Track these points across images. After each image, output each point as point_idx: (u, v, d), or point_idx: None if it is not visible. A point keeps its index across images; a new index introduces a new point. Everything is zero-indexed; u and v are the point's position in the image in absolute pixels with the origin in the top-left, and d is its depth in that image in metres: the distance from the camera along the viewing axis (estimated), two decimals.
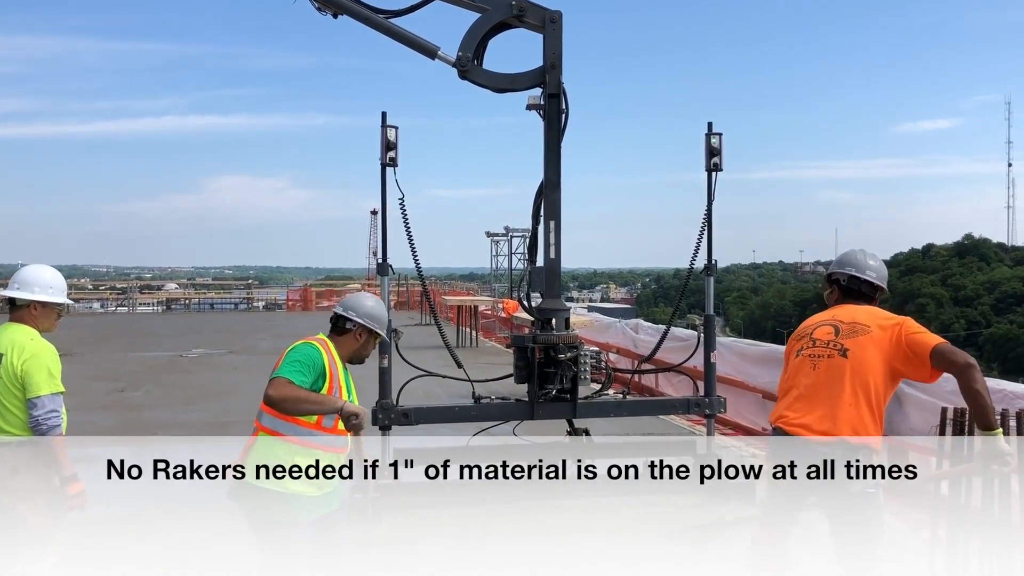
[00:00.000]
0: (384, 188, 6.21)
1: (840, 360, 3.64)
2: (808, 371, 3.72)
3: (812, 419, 3.61)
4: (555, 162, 6.44)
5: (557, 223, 6.42)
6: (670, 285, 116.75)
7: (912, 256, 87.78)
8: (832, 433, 3.54)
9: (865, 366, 3.61)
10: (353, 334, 3.88)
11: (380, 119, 6.20)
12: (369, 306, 3.91)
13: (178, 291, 51.72)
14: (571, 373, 6.30)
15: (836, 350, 3.67)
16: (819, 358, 3.70)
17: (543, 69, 6.41)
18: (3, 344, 4.05)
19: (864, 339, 3.66)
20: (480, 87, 6.50)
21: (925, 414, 6.30)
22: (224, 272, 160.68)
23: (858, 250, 4.00)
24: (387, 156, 6.18)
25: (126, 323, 31.16)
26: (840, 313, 3.83)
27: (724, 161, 6.75)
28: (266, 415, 3.64)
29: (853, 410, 3.57)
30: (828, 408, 3.60)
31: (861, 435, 3.53)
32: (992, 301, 71.29)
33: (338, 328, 3.90)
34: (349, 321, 3.87)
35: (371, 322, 3.88)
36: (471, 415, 6.44)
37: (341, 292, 45.66)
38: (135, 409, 11.42)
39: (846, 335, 3.70)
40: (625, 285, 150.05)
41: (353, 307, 3.90)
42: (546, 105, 6.44)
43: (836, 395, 3.60)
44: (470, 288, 42.84)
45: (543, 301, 6.52)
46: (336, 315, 3.94)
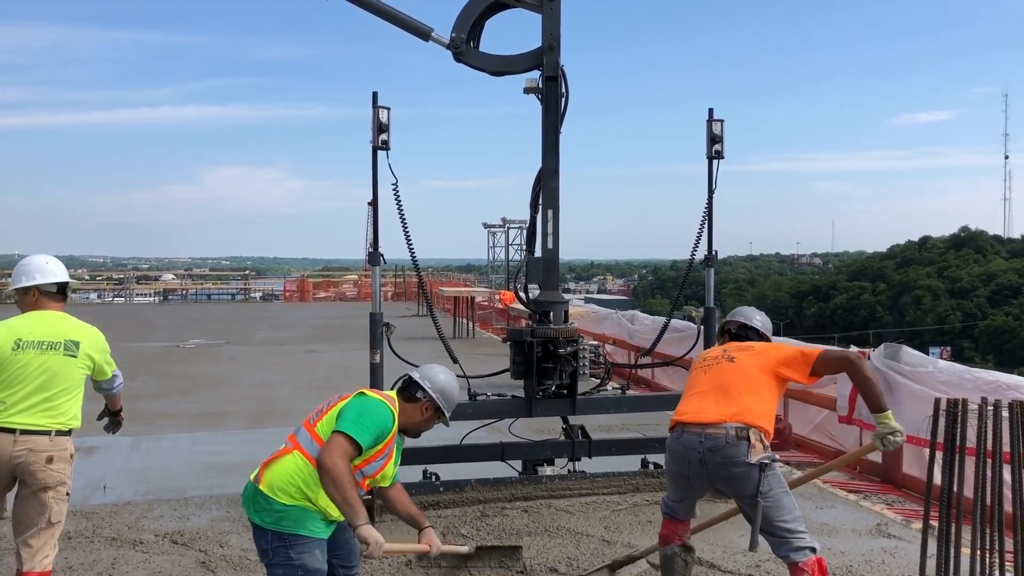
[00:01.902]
0: (376, 173, 5.87)
1: (728, 365, 4.16)
2: (700, 376, 4.21)
3: (707, 408, 3.99)
4: (554, 148, 6.20)
5: (556, 212, 6.19)
6: (667, 277, 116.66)
7: (908, 248, 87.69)
8: (725, 418, 3.90)
9: (751, 369, 4.09)
10: (421, 405, 3.73)
11: (371, 100, 5.86)
12: (442, 380, 3.77)
13: (175, 282, 51.53)
14: (570, 368, 6.07)
15: (725, 359, 4.21)
16: (710, 366, 4.22)
17: (540, 50, 6.16)
18: (73, 331, 4.28)
19: (748, 352, 4.21)
20: (476, 70, 6.33)
21: (918, 404, 6.34)
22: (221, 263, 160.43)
23: (747, 307, 4.67)
24: (379, 139, 5.84)
25: (123, 313, 31.12)
26: (730, 345, 4.39)
27: (724, 149, 6.52)
28: (310, 440, 3.48)
29: (743, 400, 3.96)
30: (720, 400, 3.99)
31: (751, 420, 3.90)
32: (988, 293, 71.28)
33: (407, 394, 3.75)
34: (422, 390, 3.73)
35: (441, 399, 3.74)
36: (466, 412, 6.11)
37: (338, 283, 45.71)
38: (132, 399, 11.39)
39: (734, 351, 4.26)
40: (622, 276, 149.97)
41: (429, 378, 3.76)
42: (544, 88, 6.20)
43: (727, 390, 4.03)
44: (467, 279, 42.86)
45: (541, 293, 6.29)
46: (411, 380, 3.79)
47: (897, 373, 6.83)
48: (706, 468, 3.92)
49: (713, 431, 3.90)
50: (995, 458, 4.05)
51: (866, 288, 76.79)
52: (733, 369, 4.13)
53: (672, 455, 4.11)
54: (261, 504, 3.42)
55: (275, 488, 3.39)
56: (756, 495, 3.80)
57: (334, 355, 15.92)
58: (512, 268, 31.67)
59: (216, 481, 7.08)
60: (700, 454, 3.91)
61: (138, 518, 6.06)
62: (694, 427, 3.97)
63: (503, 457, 6.31)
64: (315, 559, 3.42)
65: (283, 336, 20.82)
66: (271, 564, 3.43)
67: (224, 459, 7.93)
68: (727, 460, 3.85)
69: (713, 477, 3.95)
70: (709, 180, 6.56)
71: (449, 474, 6.15)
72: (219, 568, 5.10)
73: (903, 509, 6.31)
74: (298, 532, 3.39)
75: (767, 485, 3.83)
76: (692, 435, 3.96)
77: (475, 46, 6.31)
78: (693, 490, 4.16)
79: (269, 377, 13.44)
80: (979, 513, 4.01)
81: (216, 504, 6.40)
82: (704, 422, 3.94)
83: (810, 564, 3.80)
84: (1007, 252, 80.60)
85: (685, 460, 4.00)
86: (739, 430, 3.86)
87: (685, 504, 4.24)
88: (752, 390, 4.03)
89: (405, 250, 6.39)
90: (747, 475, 3.83)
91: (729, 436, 3.86)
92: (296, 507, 3.38)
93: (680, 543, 4.26)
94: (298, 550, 3.38)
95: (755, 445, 3.84)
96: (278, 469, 3.44)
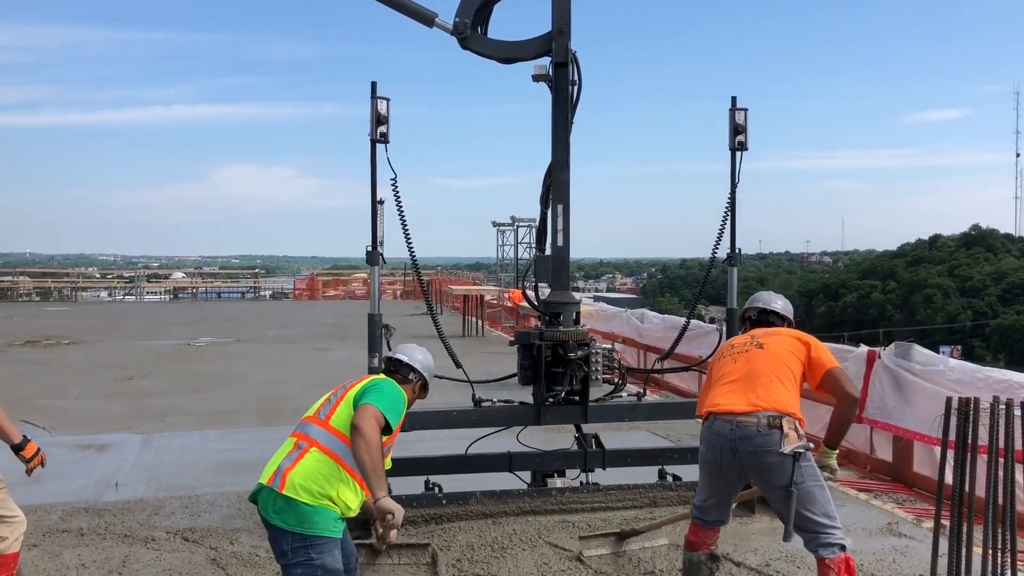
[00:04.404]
0: (374, 167, 5.60)
1: (757, 351, 4.08)
2: (729, 364, 4.12)
3: (737, 399, 3.92)
4: (564, 139, 5.89)
5: (566, 207, 5.88)
6: (676, 275, 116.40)
7: (919, 246, 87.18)
8: (758, 407, 3.83)
9: (781, 355, 4.04)
10: (412, 385, 3.84)
11: (370, 90, 5.60)
12: (421, 357, 3.91)
13: (185, 280, 51.75)
14: (581, 373, 5.71)
15: (753, 345, 4.13)
16: (739, 354, 4.14)
17: (550, 35, 5.85)
18: None
19: (777, 337, 4.16)
20: (483, 57, 6.05)
21: (928, 403, 6.31)
22: (231, 261, 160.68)
23: (766, 292, 4.64)
24: (377, 131, 5.57)
25: (134, 312, 31.27)
26: (756, 331, 4.33)
27: (748, 140, 6.15)
28: (325, 434, 3.50)
29: (774, 387, 3.90)
30: (751, 388, 3.92)
31: (783, 408, 3.83)
32: (999, 292, 70.82)
33: (400, 376, 3.82)
34: (413, 372, 3.83)
35: (429, 375, 3.89)
36: (471, 420, 5.86)
37: (347, 281, 45.74)
38: (143, 396, 11.49)
39: (762, 336, 4.20)
40: (631, 275, 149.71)
41: (415, 358, 3.86)
42: (553, 75, 5.89)
43: (757, 378, 3.95)
44: (476, 278, 42.84)
45: (550, 293, 5.97)
46: (400, 363, 3.86)
47: (908, 372, 6.80)
48: (738, 456, 3.84)
49: (744, 419, 3.82)
50: (1007, 457, 4.03)
51: (876, 287, 76.39)
52: (762, 356, 4.04)
53: (705, 443, 4.04)
54: (282, 506, 3.40)
55: (298, 488, 3.38)
56: (789, 486, 3.73)
57: (344, 353, 15.93)
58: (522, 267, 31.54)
59: (227, 479, 7.11)
60: (732, 442, 3.84)
61: (149, 515, 6.09)
62: (726, 416, 3.90)
63: (511, 468, 5.97)
64: (334, 559, 3.44)
65: (293, 334, 20.87)
66: (290, 564, 3.43)
67: (235, 457, 7.95)
68: (758, 449, 3.78)
69: (745, 466, 3.87)
70: (732, 173, 6.22)
71: (453, 486, 5.82)
72: (229, 565, 5.12)
73: (914, 508, 6.28)
74: (320, 534, 3.40)
75: (800, 476, 3.74)
76: (724, 423, 3.89)
77: (484, 32, 6.07)
78: (725, 482, 4.04)
79: (279, 375, 13.48)
80: (991, 512, 4.00)
81: (227, 501, 6.42)
82: (735, 412, 3.87)
83: (837, 562, 3.74)
84: (1018, 251, 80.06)
85: (717, 448, 3.92)
86: (771, 419, 3.79)
87: (717, 502, 4.11)
88: (783, 376, 3.95)
89: (414, 247, 6.08)
90: (779, 465, 3.75)
91: (761, 425, 3.78)
92: (318, 507, 3.39)
93: (708, 552, 4.13)
94: (319, 550, 3.39)
95: (788, 434, 3.76)
96: (300, 470, 3.42)
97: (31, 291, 42.14)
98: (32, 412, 10.07)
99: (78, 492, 6.69)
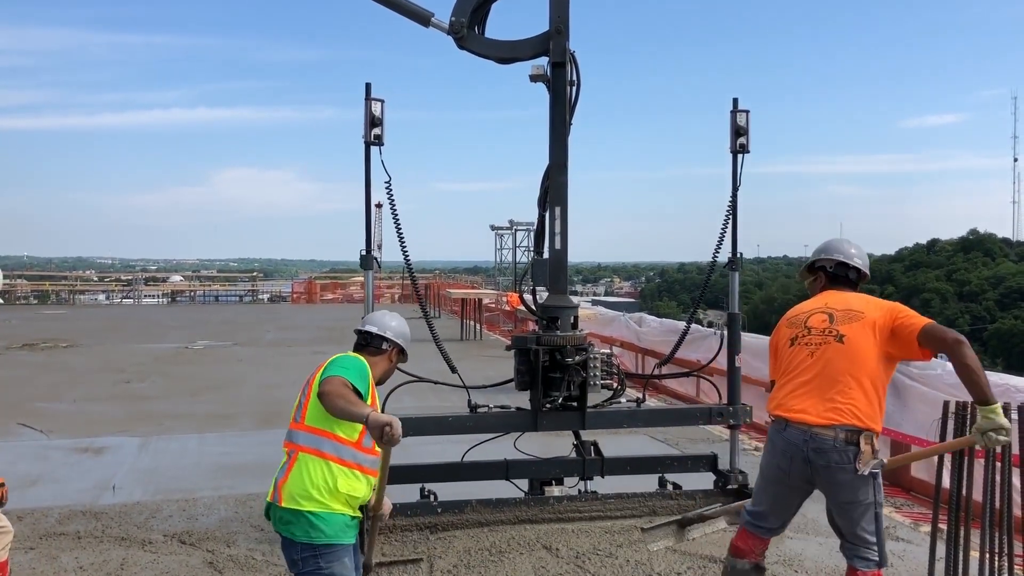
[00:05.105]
0: (368, 170, 5.53)
1: (836, 346, 3.67)
2: (805, 359, 3.74)
3: (811, 405, 3.64)
4: (562, 141, 5.78)
5: (564, 209, 5.77)
6: (674, 279, 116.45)
7: (917, 251, 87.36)
8: (834, 419, 3.56)
9: (861, 352, 3.64)
10: (388, 354, 3.73)
11: (364, 91, 5.54)
12: (395, 324, 3.78)
13: (183, 283, 51.73)
14: (579, 379, 5.59)
15: (832, 336, 3.70)
16: (816, 346, 3.73)
17: (548, 35, 5.74)
18: None
19: (858, 325, 3.69)
20: (480, 57, 5.96)
21: (926, 407, 6.32)
22: (229, 264, 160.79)
23: (840, 238, 4.12)
24: (371, 134, 5.50)
25: (131, 315, 31.23)
26: (831, 300, 3.86)
27: (749, 143, 6.05)
28: (304, 435, 3.46)
29: (852, 395, 3.59)
30: (827, 395, 3.62)
31: (861, 420, 3.56)
32: (997, 296, 70.95)
33: (372, 348, 3.71)
34: (386, 341, 3.72)
35: (404, 341, 3.76)
36: (467, 426, 5.73)
37: (345, 285, 45.74)
38: (141, 400, 11.47)
39: (841, 321, 3.73)
40: (629, 279, 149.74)
41: (386, 327, 3.73)
42: (551, 76, 5.78)
43: (834, 382, 3.62)
44: (474, 281, 42.83)
45: (548, 297, 5.87)
46: (371, 334, 3.73)
47: (906, 376, 6.81)
48: (811, 466, 3.62)
49: (820, 432, 3.58)
50: (1004, 461, 4.04)
51: (874, 291, 76.26)
52: (842, 353, 3.66)
53: (774, 447, 3.78)
54: (288, 519, 3.38)
55: (296, 497, 3.35)
56: (857, 502, 3.58)
57: None
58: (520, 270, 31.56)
59: (224, 482, 7.10)
60: (805, 453, 3.62)
61: (147, 518, 6.08)
62: (800, 425, 3.64)
63: (507, 476, 5.89)
64: (344, 567, 3.41)
65: (291, 338, 20.85)
66: (300, 573, 3.41)
67: (232, 460, 7.95)
68: (832, 464, 3.56)
69: (816, 475, 3.65)
70: (734, 176, 6.12)
71: (448, 494, 5.72)
72: (226, 568, 5.11)
73: (911, 512, 6.29)
74: (329, 542, 3.37)
75: (867, 495, 3.59)
76: (797, 431, 3.65)
77: (480, 32, 5.97)
78: (789, 489, 3.81)
79: (277, 378, 13.45)
80: (988, 516, 4.00)
81: (224, 505, 6.41)
82: (810, 423, 3.61)
83: (870, 575, 3.63)
84: (1016, 255, 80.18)
85: (788, 456, 3.69)
86: (849, 434, 3.54)
87: (775, 510, 3.88)
88: (862, 379, 3.62)
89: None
90: (851, 484, 3.57)
91: (838, 440, 3.55)
92: (322, 513, 3.34)
93: (754, 561, 3.92)
94: (328, 559, 3.36)
95: (864, 450, 3.53)
96: (293, 479, 3.40)
97: (29, 294, 42.11)
98: (30, 415, 10.06)
99: (75, 495, 6.67)
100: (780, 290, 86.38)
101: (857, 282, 4.02)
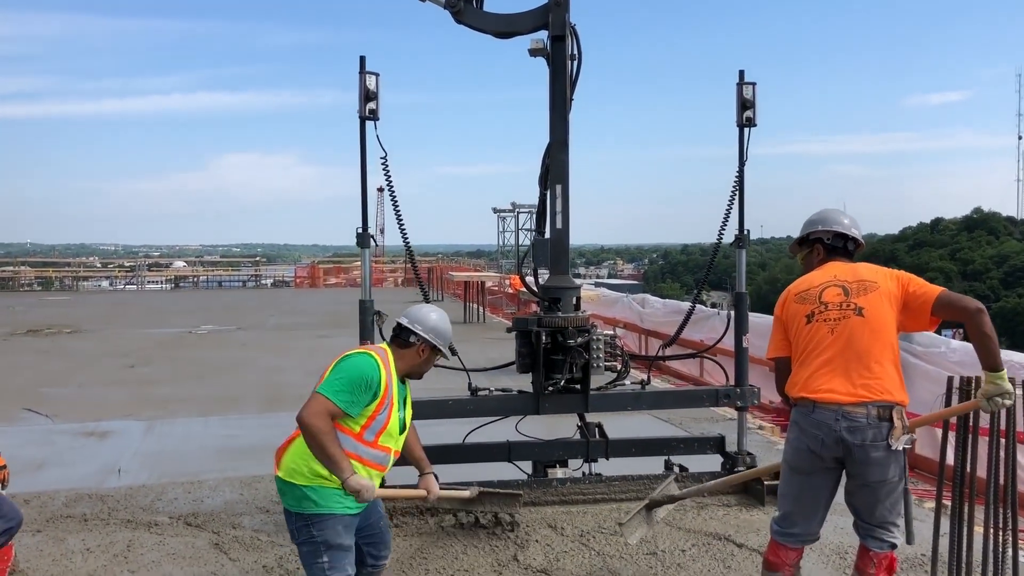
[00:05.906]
0: (364, 146, 5.41)
1: (857, 320, 3.55)
2: (826, 336, 3.59)
3: (839, 384, 3.51)
4: (563, 117, 5.63)
5: (565, 187, 5.62)
6: (677, 261, 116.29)
7: (920, 230, 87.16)
8: (864, 397, 3.46)
9: (883, 324, 3.55)
10: (416, 349, 3.70)
11: (358, 65, 5.40)
12: (433, 320, 3.74)
13: (186, 269, 51.80)
14: (582, 361, 5.47)
15: (851, 310, 3.57)
16: (835, 321, 3.58)
17: (547, 7, 5.59)
18: None
19: (875, 296, 3.58)
20: (479, 31, 5.82)
21: (930, 384, 6.30)
22: (232, 250, 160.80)
23: (833, 208, 3.98)
24: (366, 108, 5.37)
25: (135, 300, 31.30)
26: (839, 272, 3.73)
27: (756, 116, 5.90)
28: None
29: (880, 370, 3.50)
30: (854, 371, 3.50)
31: (892, 394, 3.48)
32: (1001, 275, 70.81)
33: (400, 340, 3.71)
34: (414, 335, 3.69)
35: (435, 338, 3.71)
36: (467, 409, 5.66)
37: (348, 269, 45.75)
38: (146, 384, 11.50)
39: (856, 293, 3.61)
40: (632, 261, 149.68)
41: (419, 320, 3.71)
42: (551, 50, 5.60)
43: (860, 357, 3.51)
44: (477, 264, 42.80)
45: (549, 278, 5.75)
46: (400, 327, 3.73)
47: (910, 354, 6.80)
48: (844, 444, 3.47)
49: (852, 410, 3.46)
50: (1008, 437, 4.03)
51: None
52: (864, 328, 3.53)
53: (801, 431, 3.61)
54: (283, 489, 3.48)
55: (291, 471, 3.44)
56: (886, 481, 3.51)
57: (345, 340, 15.89)
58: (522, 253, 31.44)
59: (229, 464, 7.13)
60: (837, 432, 3.47)
61: (152, 500, 6.11)
62: (829, 406, 3.50)
63: (510, 458, 5.84)
64: (337, 534, 3.44)
65: (294, 322, 20.89)
66: (298, 543, 3.50)
67: (237, 443, 7.97)
68: (867, 442, 3.44)
69: (848, 455, 3.50)
70: (740, 150, 5.94)
71: (450, 476, 5.47)
72: (232, 549, 5.13)
73: (915, 489, 6.27)
74: (319, 512, 3.42)
75: (896, 473, 3.52)
76: (827, 412, 3.49)
77: (479, 6, 5.84)
78: (817, 476, 3.62)
79: (281, 362, 13.49)
80: (992, 492, 4.00)
81: (229, 487, 6.44)
82: (841, 402, 3.48)
83: (882, 557, 3.61)
84: (1020, 233, 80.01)
85: (818, 438, 3.52)
86: (881, 410, 3.45)
87: (802, 510, 3.68)
88: (886, 353, 3.53)
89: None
90: (885, 460, 3.47)
91: (871, 417, 3.44)
92: (313, 486, 3.41)
93: (788, 575, 3.74)
94: (319, 527, 3.42)
95: (896, 426, 3.44)
96: (290, 453, 3.49)
97: (32, 281, 42.19)
98: (35, 400, 10.10)
99: (81, 479, 6.70)
100: (783, 271, 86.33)
101: (853, 252, 3.90)
